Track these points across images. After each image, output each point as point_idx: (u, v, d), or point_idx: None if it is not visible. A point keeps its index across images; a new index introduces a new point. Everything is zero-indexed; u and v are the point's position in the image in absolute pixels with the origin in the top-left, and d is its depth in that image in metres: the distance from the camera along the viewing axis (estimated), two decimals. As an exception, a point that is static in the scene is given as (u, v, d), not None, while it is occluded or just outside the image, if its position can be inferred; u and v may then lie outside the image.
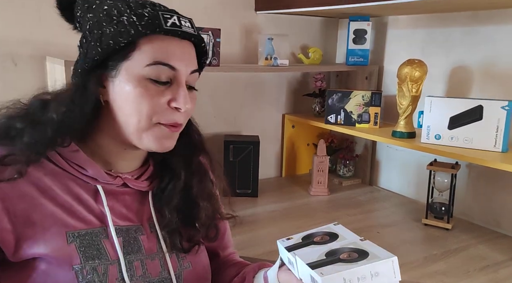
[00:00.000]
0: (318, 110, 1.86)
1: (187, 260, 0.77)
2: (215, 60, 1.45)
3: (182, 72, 0.69)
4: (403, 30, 1.72)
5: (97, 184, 0.71)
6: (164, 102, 0.68)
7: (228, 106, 1.81)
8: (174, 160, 0.78)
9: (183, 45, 0.69)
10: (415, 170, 1.71)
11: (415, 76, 1.39)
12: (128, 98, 0.67)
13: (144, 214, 0.76)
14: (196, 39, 0.71)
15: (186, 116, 0.72)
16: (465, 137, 1.31)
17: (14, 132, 0.67)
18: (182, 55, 0.69)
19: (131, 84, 0.67)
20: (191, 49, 0.71)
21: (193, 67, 0.71)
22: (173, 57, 0.68)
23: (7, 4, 1.36)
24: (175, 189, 0.77)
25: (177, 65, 0.68)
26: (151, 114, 0.67)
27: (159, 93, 0.68)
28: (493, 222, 1.47)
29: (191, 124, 0.80)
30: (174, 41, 0.68)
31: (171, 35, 0.68)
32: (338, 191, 1.79)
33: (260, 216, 1.52)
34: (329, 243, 0.69)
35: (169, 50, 0.68)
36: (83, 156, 0.70)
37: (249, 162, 1.66)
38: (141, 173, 0.78)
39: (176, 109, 0.69)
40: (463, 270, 1.17)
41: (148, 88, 0.67)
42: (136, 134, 0.69)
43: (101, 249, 0.68)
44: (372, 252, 0.64)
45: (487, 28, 1.43)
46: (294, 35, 1.87)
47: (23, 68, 1.41)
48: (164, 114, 0.68)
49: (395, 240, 1.35)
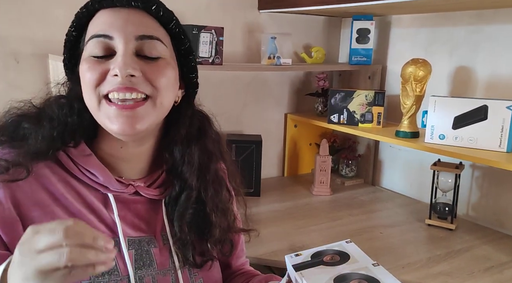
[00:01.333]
0: (320, 110, 1.85)
1: (199, 276, 0.74)
2: (218, 59, 1.45)
3: (120, 39, 0.63)
4: (406, 29, 1.71)
5: (108, 192, 0.68)
6: (103, 72, 0.63)
7: (230, 105, 1.80)
8: (185, 168, 0.72)
9: (122, 11, 0.64)
10: (418, 170, 1.70)
11: (419, 75, 1.38)
12: (81, 81, 0.66)
13: (157, 224, 0.72)
14: (140, 2, 0.64)
15: (141, 83, 0.63)
16: (469, 137, 1.30)
17: (22, 132, 0.66)
18: (119, 20, 0.63)
19: (80, 67, 0.65)
20: (135, 13, 0.64)
21: (140, 32, 0.64)
22: (107, 26, 0.63)
23: (9, 2, 1.35)
24: (188, 200, 0.72)
25: (112, 33, 0.63)
26: (93, 85, 0.63)
27: (98, 64, 0.63)
28: (497, 222, 1.46)
29: (207, 128, 0.76)
30: (111, 12, 0.64)
31: (106, 6, 0.64)
32: (341, 191, 1.78)
33: (262, 215, 1.51)
34: (339, 264, 0.63)
35: (103, 21, 0.64)
36: (95, 161, 0.68)
37: (252, 161, 1.66)
38: (153, 180, 0.74)
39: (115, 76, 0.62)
40: (467, 270, 1.16)
41: (89, 62, 0.64)
42: (95, 115, 0.66)
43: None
44: (384, 282, 0.58)
45: (492, 27, 1.42)
46: (297, 34, 1.87)
47: (25, 66, 1.40)
48: (106, 84, 0.63)
49: (398, 240, 1.34)
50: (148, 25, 0.65)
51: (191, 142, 0.74)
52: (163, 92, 0.65)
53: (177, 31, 0.69)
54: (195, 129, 0.75)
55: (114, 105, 0.63)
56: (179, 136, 0.73)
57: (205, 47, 1.42)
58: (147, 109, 0.65)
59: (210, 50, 1.43)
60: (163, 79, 0.65)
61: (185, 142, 0.73)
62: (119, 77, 0.61)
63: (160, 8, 0.66)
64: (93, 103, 0.64)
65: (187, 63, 0.72)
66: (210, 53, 1.43)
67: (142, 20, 0.65)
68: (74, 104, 0.67)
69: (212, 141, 0.76)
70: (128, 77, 0.62)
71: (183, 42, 0.70)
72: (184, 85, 0.75)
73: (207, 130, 0.76)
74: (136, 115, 0.63)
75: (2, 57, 1.37)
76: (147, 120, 0.65)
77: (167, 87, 0.66)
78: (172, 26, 0.68)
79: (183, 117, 0.73)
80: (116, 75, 0.61)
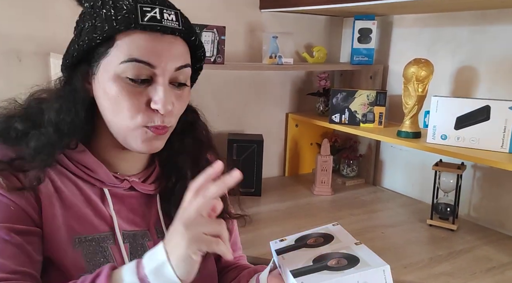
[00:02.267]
0: (322, 110, 1.85)
1: None
2: (219, 58, 1.44)
3: (163, 70, 0.63)
4: (408, 29, 1.70)
5: (103, 186, 0.70)
6: (142, 103, 0.64)
7: (232, 104, 1.80)
8: (180, 159, 0.75)
9: (164, 40, 0.63)
10: (419, 170, 1.69)
11: (421, 75, 1.38)
12: (107, 97, 0.64)
13: (151, 218, 0.74)
14: (183, 33, 0.65)
15: (171, 116, 0.67)
16: (471, 138, 1.30)
17: (14, 133, 0.65)
18: (162, 51, 0.63)
19: (109, 82, 0.64)
20: (177, 44, 0.65)
21: (179, 63, 0.65)
22: (151, 54, 0.62)
23: (11, 1, 1.35)
24: (183, 189, 0.72)
25: (155, 62, 0.63)
26: (131, 115, 0.64)
27: (137, 94, 0.63)
28: (498, 223, 1.45)
29: (197, 120, 0.79)
30: (153, 37, 0.63)
31: (150, 31, 0.62)
32: (342, 191, 1.78)
33: (263, 215, 1.51)
34: (321, 246, 0.64)
35: (146, 47, 0.62)
36: (91, 157, 0.69)
37: (253, 160, 1.66)
38: (147, 175, 0.75)
39: (156, 111, 0.64)
40: (469, 271, 1.16)
41: (124, 88, 0.63)
42: (121, 135, 0.66)
43: (108, 256, 0.67)
44: (363, 259, 0.58)
45: (494, 27, 1.42)
46: (299, 33, 1.86)
47: (27, 64, 1.40)
48: (146, 116, 0.64)
49: (400, 240, 1.34)
50: (185, 54, 0.67)
51: (185, 133, 0.76)
52: (179, 116, 0.71)
53: (201, 56, 0.72)
54: (189, 122, 0.78)
55: (151, 130, 0.66)
56: (175, 129, 0.74)
57: (207, 46, 1.42)
58: (169, 131, 0.70)
59: (212, 49, 1.43)
60: (184, 107, 0.70)
61: (180, 133, 0.76)
62: (161, 112, 0.64)
63: (197, 39, 0.69)
64: (128, 127, 0.65)
65: (194, 77, 0.76)
66: (212, 52, 1.43)
67: (183, 50, 0.66)
68: (72, 107, 0.66)
69: (202, 132, 0.79)
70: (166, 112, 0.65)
71: (201, 61, 0.74)
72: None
73: (197, 121, 0.79)
74: (163, 137, 0.69)
75: (5, 55, 1.37)
76: (165, 139, 0.70)
77: (183, 110, 0.71)
78: (199, 52, 0.71)
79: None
80: (158, 110, 0.64)
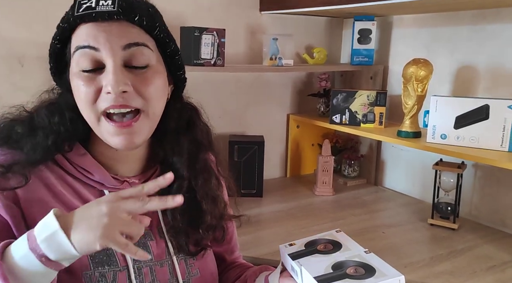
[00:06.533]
0: (322, 110, 1.86)
1: (195, 267, 0.76)
2: (220, 61, 1.45)
3: (108, 51, 0.63)
4: (408, 29, 1.71)
5: (103, 188, 0.71)
6: (98, 90, 0.64)
7: (232, 106, 1.81)
8: (176, 159, 0.75)
9: (103, 24, 0.63)
10: (420, 170, 1.70)
11: (420, 75, 1.38)
12: (75, 95, 0.67)
13: (152, 218, 0.73)
14: (121, 14, 0.63)
15: (135, 98, 0.64)
16: (471, 137, 1.30)
17: (15, 136, 0.68)
18: (103, 32, 0.63)
19: (72, 81, 0.66)
20: (117, 25, 0.64)
21: (124, 41, 0.64)
22: (90, 37, 0.63)
23: (14, 5, 1.36)
24: (180, 189, 0.74)
25: (97, 44, 0.62)
26: (89, 105, 0.64)
27: (90, 83, 0.64)
28: (499, 222, 1.46)
29: (196, 120, 0.78)
30: (93, 24, 0.63)
31: (88, 21, 0.63)
32: (343, 191, 1.78)
33: (265, 216, 1.52)
34: (333, 252, 0.68)
35: (87, 33, 0.63)
36: (91, 160, 0.70)
37: (254, 162, 1.66)
38: (147, 177, 0.76)
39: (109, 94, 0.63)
40: (470, 270, 1.17)
41: (81, 81, 0.64)
42: (97, 132, 0.67)
43: (111, 255, 0.68)
44: (378, 269, 0.63)
45: (493, 26, 1.43)
46: (299, 35, 1.87)
47: (29, 69, 1.41)
48: (102, 101, 0.64)
49: (401, 240, 1.35)
50: (132, 33, 0.65)
51: (180, 133, 0.76)
52: (153, 102, 0.67)
53: (161, 36, 0.69)
54: (185, 121, 0.78)
55: (113, 122, 0.65)
56: (169, 128, 0.75)
57: (207, 49, 1.43)
58: (143, 122, 0.67)
59: (212, 52, 1.44)
60: (152, 90, 0.66)
61: (175, 133, 0.76)
62: (112, 94, 0.63)
63: (143, 18, 0.65)
64: (92, 119, 0.66)
65: (174, 63, 0.73)
66: (212, 55, 1.44)
67: (126, 30, 0.65)
68: (65, 112, 0.69)
69: (200, 132, 0.79)
70: (120, 94, 0.63)
71: (169, 45, 0.71)
72: (172, 81, 0.76)
73: (196, 121, 0.79)
74: (134, 131, 0.66)
75: (7, 60, 1.38)
76: (144, 132, 0.68)
77: (157, 96, 0.68)
78: (156, 33, 0.68)
79: (172, 110, 0.75)
80: (109, 92, 0.63)
